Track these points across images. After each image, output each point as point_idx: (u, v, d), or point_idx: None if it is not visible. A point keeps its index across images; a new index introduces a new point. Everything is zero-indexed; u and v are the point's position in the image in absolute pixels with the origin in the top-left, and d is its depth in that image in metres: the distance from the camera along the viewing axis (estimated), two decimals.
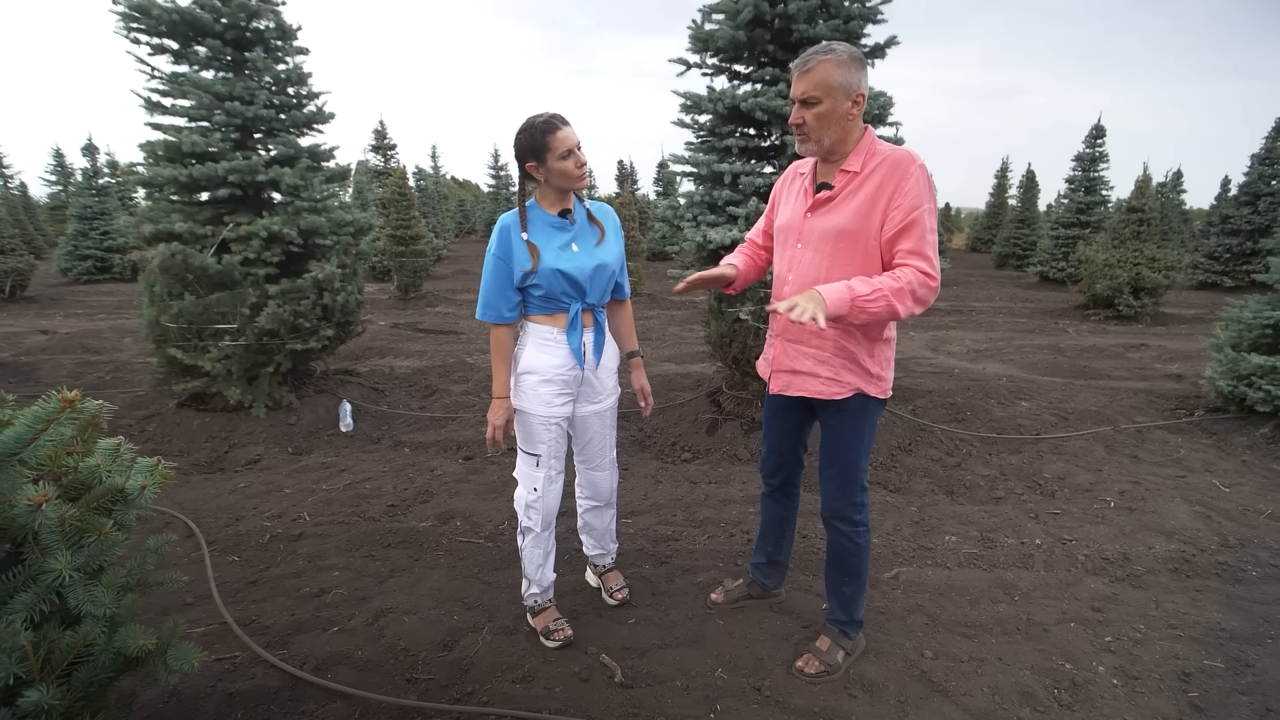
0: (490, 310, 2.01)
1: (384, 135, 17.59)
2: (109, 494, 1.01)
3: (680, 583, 2.58)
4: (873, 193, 1.72)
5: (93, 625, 0.97)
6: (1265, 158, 12.68)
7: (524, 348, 2.07)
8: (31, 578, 0.94)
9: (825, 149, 1.78)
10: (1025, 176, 18.27)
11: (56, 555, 0.92)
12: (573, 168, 1.90)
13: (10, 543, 0.95)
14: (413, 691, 2.02)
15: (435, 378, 5.82)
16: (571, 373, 2.06)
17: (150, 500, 1.05)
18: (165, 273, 4.06)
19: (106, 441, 1.09)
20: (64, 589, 0.94)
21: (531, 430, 2.07)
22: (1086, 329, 8.78)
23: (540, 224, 1.99)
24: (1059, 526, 3.04)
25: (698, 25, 3.89)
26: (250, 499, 3.40)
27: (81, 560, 0.95)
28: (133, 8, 3.89)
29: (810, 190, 1.87)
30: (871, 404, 1.91)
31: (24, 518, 0.89)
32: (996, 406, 4.91)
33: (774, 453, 2.19)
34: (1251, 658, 2.12)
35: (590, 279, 2.01)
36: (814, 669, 2.03)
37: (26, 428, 0.89)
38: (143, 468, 1.09)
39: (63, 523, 0.91)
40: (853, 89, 1.70)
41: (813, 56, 1.70)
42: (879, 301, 1.63)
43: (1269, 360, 4.13)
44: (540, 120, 1.88)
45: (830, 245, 1.79)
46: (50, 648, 0.92)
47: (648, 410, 2.37)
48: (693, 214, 3.90)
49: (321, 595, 2.53)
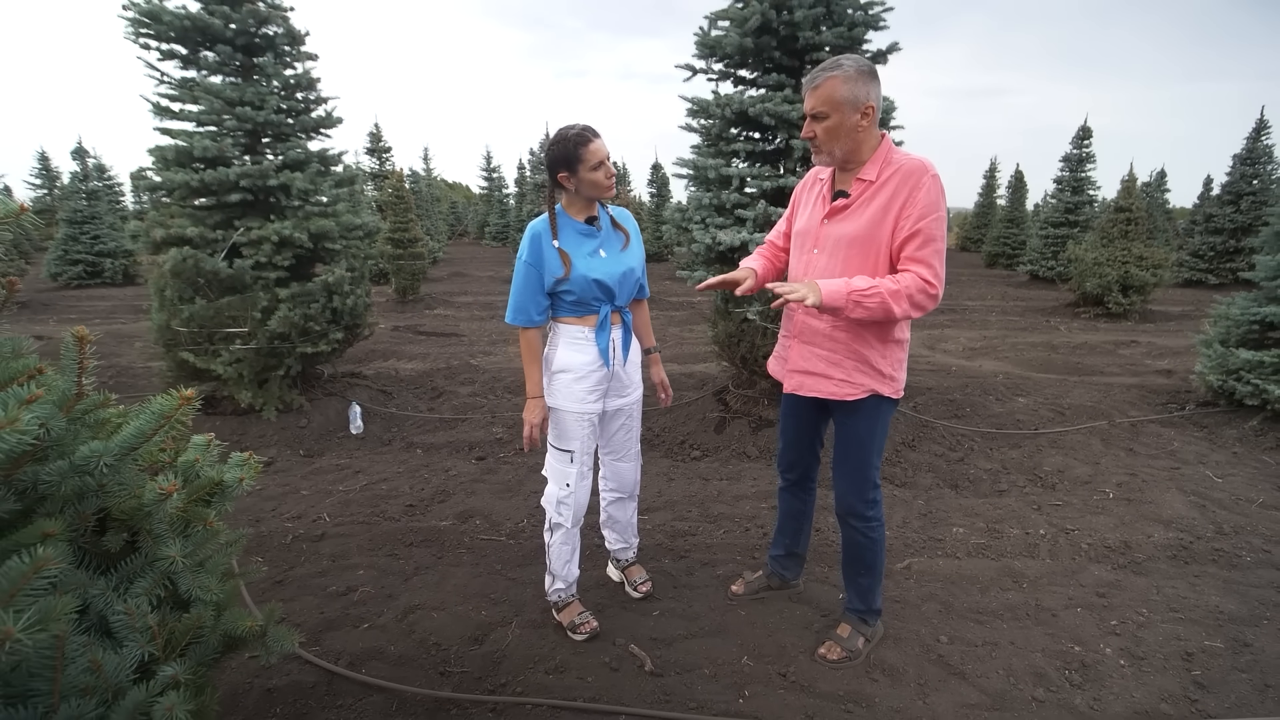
0: (521, 315, 2.07)
1: (379, 138, 17.56)
2: (209, 486, 1.07)
3: (700, 576, 2.66)
4: (886, 201, 1.79)
5: (203, 609, 1.03)
6: (1246, 158, 12.98)
7: (556, 348, 2.13)
8: (148, 564, 1.00)
9: (839, 160, 1.87)
10: (1014, 176, 18.55)
11: (169, 544, 0.98)
12: (603, 179, 1.98)
13: (127, 532, 1.01)
14: (447, 684, 2.08)
15: (441, 380, 5.87)
16: (603, 370, 2.13)
17: (246, 492, 1.12)
18: (176, 277, 4.08)
19: (198, 438, 1.15)
20: (175, 575, 1.00)
21: (566, 427, 2.14)
22: (1078, 326, 8.95)
23: (569, 231, 2.06)
24: (1061, 517, 3.15)
25: (704, 32, 3.97)
26: (268, 501, 3.44)
27: (190, 549, 1.01)
28: (143, 14, 3.91)
29: (828, 197, 1.94)
30: (884, 404, 1.99)
31: (151, 507, 0.95)
32: (995, 403, 5.03)
33: (790, 448, 2.27)
34: (1249, 638, 2.22)
35: (620, 283, 2.09)
36: (836, 655, 2.11)
37: (148, 422, 0.95)
38: (236, 461, 1.15)
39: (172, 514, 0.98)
40: (860, 102, 1.77)
41: (821, 74, 1.79)
42: (874, 298, 1.72)
43: (1256, 355, 4.27)
44: (573, 132, 1.94)
45: (844, 252, 1.86)
46: (171, 629, 0.98)
47: (667, 402, 2.47)
48: (701, 216, 3.98)
49: (349, 593, 2.58)
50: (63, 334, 0.93)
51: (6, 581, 0.76)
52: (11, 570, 0.78)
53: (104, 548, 0.98)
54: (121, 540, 1.00)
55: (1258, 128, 12.93)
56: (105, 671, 0.88)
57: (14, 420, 0.67)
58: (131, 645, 0.92)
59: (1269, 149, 12.94)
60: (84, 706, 0.87)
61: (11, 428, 0.66)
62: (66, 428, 0.90)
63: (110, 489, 0.94)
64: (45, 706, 0.84)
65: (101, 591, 0.93)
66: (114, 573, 0.99)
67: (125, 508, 0.96)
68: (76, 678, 0.85)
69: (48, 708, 0.84)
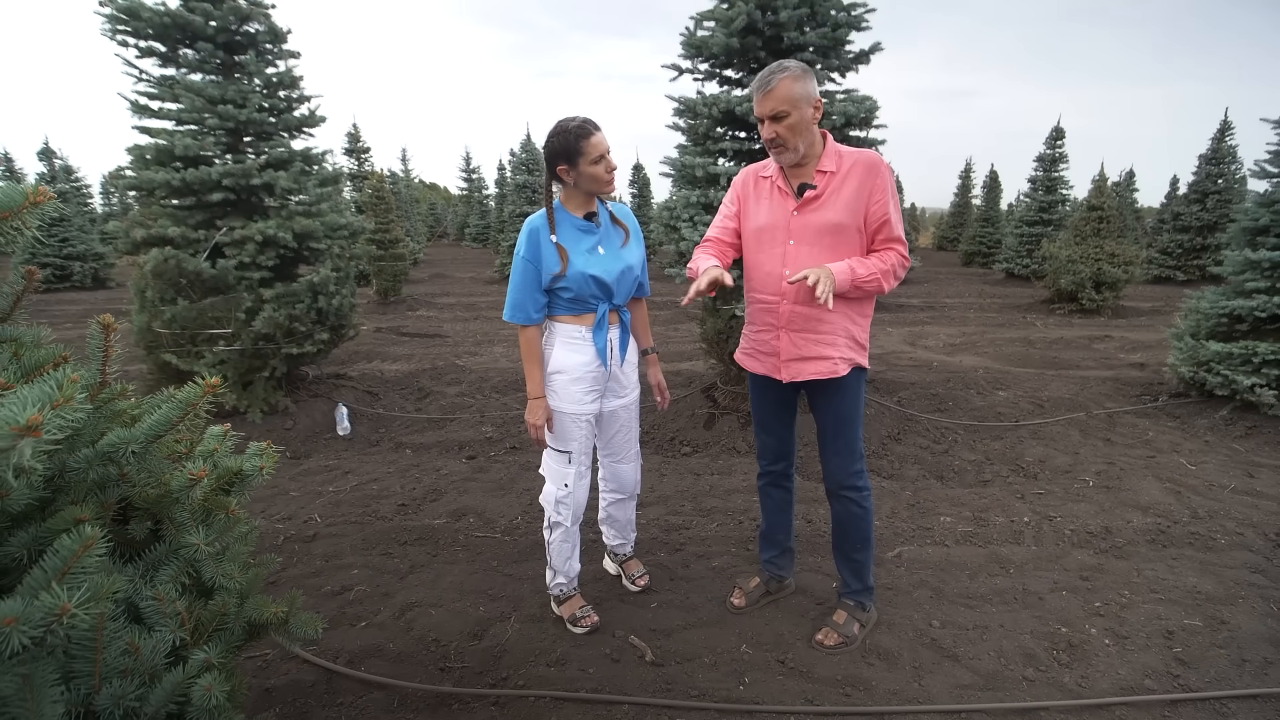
0: (519, 312, 2.03)
1: (358, 139, 17.36)
2: (229, 475, 1.07)
3: (696, 568, 2.68)
4: (856, 189, 1.93)
5: (226, 596, 1.03)
6: (1211, 158, 13.38)
7: (552, 347, 2.10)
8: (172, 552, 0.99)
9: (800, 155, 1.95)
10: (989, 177, 18.91)
11: (192, 532, 0.97)
12: (603, 172, 1.96)
13: (151, 520, 1.00)
14: (448, 679, 2.08)
15: (427, 380, 5.83)
16: (600, 370, 2.11)
17: (265, 481, 1.11)
18: (158, 278, 4.01)
19: (214, 429, 1.14)
20: (199, 563, 0.99)
21: (564, 428, 2.12)
22: (1053, 322, 9.17)
23: (567, 226, 2.03)
24: (1044, 505, 3.23)
25: (690, 32, 4.01)
26: (256, 502, 3.39)
27: (213, 536, 1.01)
28: (121, 10, 3.84)
29: (787, 191, 2.00)
30: (862, 374, 2.10)
31: (179, 494, 0.94)
32: (976, 396, 5.14)
33: (774, 439, 2.29)
34: (1226, 616, 2.31)
35: (618, 281, 2.07)
36: (833, 641, 2.15)
37: (174, 410, 0.94)
38: (254, 451, 1.15)
39: (194, 502, 0.97)
40: (811, 97, 1.89)
41: (771, 77, 1.86)
42: (871, 282, 1.92)
43: (1226, 347, 4.42)
44: (574, 125, 1.92)
45: (827, 239, 1.95)
46: (197, 616, 0.97)
47: (664, 404, 2.44)
48: (689, 215, 4.01)
49: (344, 593, 2.56)
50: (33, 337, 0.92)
51: (59, 560, 0.77)
52: (63, 548, 0.79)
53: (129, 536, 0.97)
54: (146, 529, 0.99)
55: (1222, 129, 13.35)
56: (143, 655, 0.88)
57: (70, 398, 0.67)
58: (163, 630, 0.92)
59: (1233, 149, 13.36)
60: (125, 687, 0.88)
61: (68, 405, 0.66)
62: (90, 416, 0.90)
63: (133, 477, 0.94)
64: (87, 688, 0.85)
65: (130, 579, 0.93)
66: (139, 560, 0.98)
67: (148, 496, 0.96)
68: (115, 660, 0.86)
69: (89, 689, 0.85)
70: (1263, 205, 4.69)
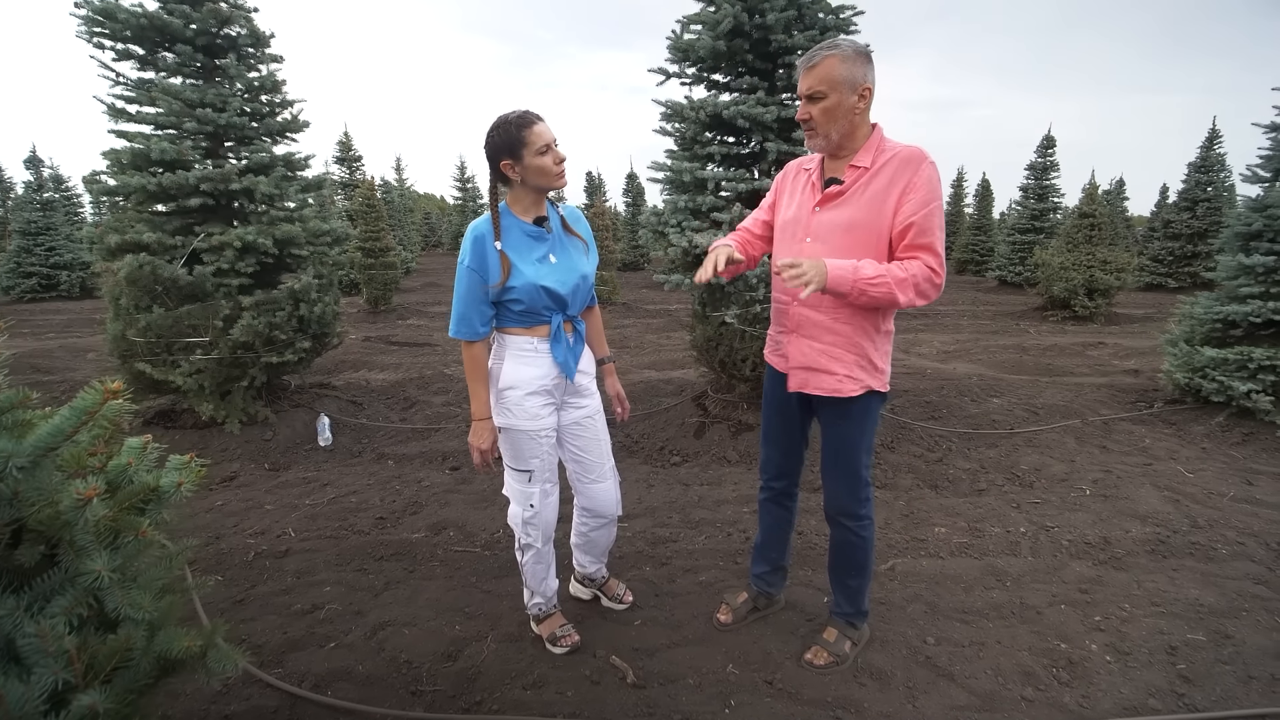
0: (465, 326, 1.88)
1: (349, 147, 17.30)
2: (142, 492, 0.97)
3: (682, 583, 2.59)
4: (884, 186, 1.71)
5: (133, 629, 0.92)
6: (1201, 166, 13.47)
7: (502, 361, 1.96)
8: (69, 580, 0.89)
9: (833, 144, 1.77)
10: (980, 185, 18.99)
11: (93, 556, 0.87)
12: (551, 164, 1.79)
13: (45, 544, 0.90)
14: (419, 704, 1.97)
15: (414, 390, 5.72)
16: (554, 381, 1.98)
17: (185, 498, 1.01)
18: (133, 285, 3.91)
19: (133, 440, 1.04)
20: (101, 591, 0.89)
21: (521, 446, 1.98)
22: (1046, 329, 9.14)
23: (516, 233, 1.87)
24: (1041, 515, 3.15)
25: (677, 35, 3.96)
26: (229, 517, 3.28)
27: (119, 562, 0.90)
28: (97, 11, 3.76)
29: (818, 185, 1.85)
30: (876, 399, 1.92)
31: (69, 515, 0.84)
32: (970, 404, 5.07)
33: (778, 453, 2.15)
34: (1230, 630, 2.23)
35: (573, 292, 1.93)
36: (823, 660, 2.05)
37: (67, 420, 0.85)
38: (175, 465, 1.05)
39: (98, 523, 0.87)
40: (858, 83, 1.70)
41: (818, 52, 1.71)
42: (881, 287, 1.65)
43: (1220, 353, 4.37)
44: (514, 116, 1.77)
45: (840, 239, 1.77)
46: (93, 652, 0.87)
47: (624, 416, 2.29)
48: (677, 220, 3.94)
49: (314, 611, 2.45)
50: (14, 349, 0.84)
51: None
52: None
53: (16, 562, 0.87)
54: (38, 553, 0.88)
55: (1210, 137, 13.45)
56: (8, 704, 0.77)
57: None
58: (42, 671, 0.81)
59: (1221, 157, 13.46)
60: None
61: None
62: None
63: (25, 496, 0.84)
64: None
65: (10, 612, 0.82)
66: (27, 590, 0.87)
67: (42, 517, 0.85)
68: None
69: None
70: (1255, 210, 4.66)
